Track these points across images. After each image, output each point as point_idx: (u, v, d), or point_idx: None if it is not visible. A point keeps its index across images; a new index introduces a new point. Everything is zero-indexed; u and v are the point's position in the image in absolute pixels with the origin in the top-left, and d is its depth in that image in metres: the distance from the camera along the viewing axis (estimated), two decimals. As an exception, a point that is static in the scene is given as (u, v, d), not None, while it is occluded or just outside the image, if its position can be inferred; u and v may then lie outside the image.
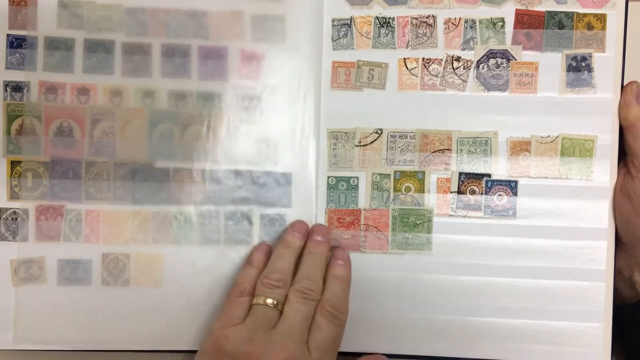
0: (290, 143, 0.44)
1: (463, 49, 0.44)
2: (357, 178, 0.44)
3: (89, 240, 0.43)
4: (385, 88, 0.44)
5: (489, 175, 0.44)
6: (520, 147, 0.44)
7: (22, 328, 0.43)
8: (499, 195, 0.44)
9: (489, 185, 0.44)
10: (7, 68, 0.43)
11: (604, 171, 0.43)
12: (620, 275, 0.43)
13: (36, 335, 0.43)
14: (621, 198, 0.42)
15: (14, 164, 0.43)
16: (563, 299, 0.43)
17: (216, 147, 0.44)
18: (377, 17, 0.44)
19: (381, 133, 0.44)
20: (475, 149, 0.44)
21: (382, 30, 0.44)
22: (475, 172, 0.44)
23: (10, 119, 0.43)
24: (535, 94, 0.44)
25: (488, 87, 0.44)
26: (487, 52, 0.44)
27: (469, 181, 0.44)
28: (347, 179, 0.44)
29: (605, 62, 0.43)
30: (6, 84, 0.43)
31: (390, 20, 0.44)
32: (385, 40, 0.44)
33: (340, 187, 0.44)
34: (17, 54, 0.43)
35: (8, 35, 0.43)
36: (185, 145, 0.44)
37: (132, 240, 0.44)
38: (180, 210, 0.44)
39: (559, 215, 0.43)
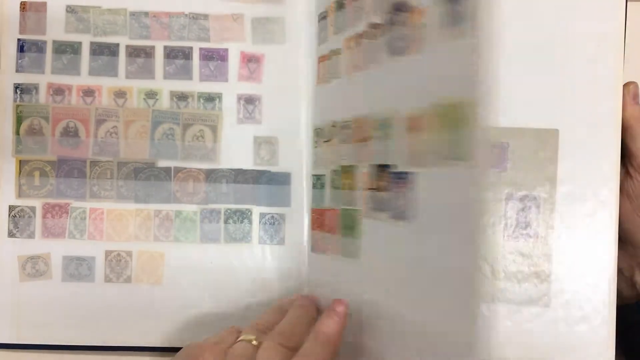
0: (289, 143, 0.45)
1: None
2: (324, 176, 0.43)
3: (93, 238, 0.45)
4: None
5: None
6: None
7: (27, 323, 0.44)
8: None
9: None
10: (17, 71, 0.44)
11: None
12: (620, 275, 0.42)
13: (40, 330, 0.44)
14: (620, 198, 0.41)
15: (22, 163, 0.44)
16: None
17: (217, 147, 0.45)
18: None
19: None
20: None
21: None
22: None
23: (20, 119, 0.44)
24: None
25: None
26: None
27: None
28: (319, 177, 0.43)
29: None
30: (16, 86, 0.44)
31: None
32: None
33: (318, 186, 0.44)
34: (27, 58, 0.44)
35: (18, 39, 0.44)
36: (187, 145, 0.45)
37: (135, 237, 0.44)
38: (181, 208, 0.45)
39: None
